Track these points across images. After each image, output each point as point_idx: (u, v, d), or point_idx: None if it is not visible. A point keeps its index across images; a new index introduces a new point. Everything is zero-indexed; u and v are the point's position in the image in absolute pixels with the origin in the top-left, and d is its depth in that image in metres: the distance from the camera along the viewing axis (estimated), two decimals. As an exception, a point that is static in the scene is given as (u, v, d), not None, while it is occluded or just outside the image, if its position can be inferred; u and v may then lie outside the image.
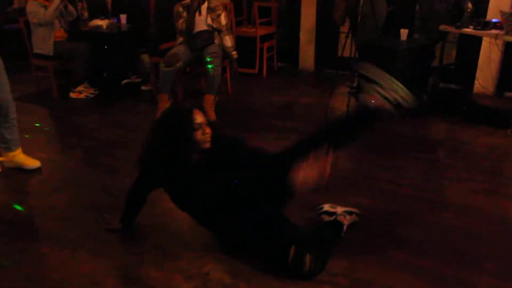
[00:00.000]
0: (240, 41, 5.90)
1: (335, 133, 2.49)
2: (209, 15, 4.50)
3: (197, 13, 4.41)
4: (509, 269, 2.33)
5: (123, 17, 5.33)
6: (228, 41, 4.62)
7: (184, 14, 4.46)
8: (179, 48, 4.46)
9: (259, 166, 2.42)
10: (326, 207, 2.70)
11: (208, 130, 2.37)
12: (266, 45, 5.93)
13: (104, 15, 5.52)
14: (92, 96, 5.13)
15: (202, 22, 4.47)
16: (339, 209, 2.66)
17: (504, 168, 3.61)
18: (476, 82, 5.26)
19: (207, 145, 2.39)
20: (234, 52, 4.69)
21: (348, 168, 3.43)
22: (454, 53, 5.49)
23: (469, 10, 4.27)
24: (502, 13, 4.11)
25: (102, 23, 5.20)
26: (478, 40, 5.07)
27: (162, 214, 2.80)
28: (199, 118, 2.35)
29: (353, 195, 3.01)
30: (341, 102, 4.56)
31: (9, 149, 3.35)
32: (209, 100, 4.38)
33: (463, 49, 5.42)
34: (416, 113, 4.41)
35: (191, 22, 4.40)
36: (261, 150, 2.54)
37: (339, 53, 6.42)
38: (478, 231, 2.66)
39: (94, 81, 5.23)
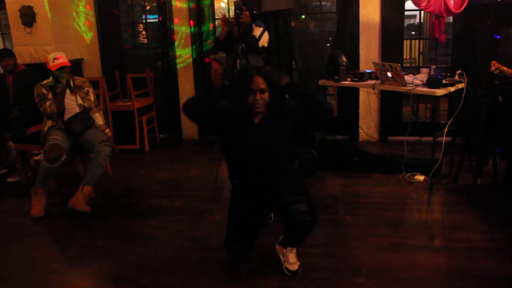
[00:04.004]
0: (116, 116, 5.50)
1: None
2: (77, 94, 4.07)
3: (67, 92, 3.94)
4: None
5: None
6: (100, 119, 4.19)
7: (50, 96, 3.96)
8: (56, 137, 3.86)
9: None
10: None
11: (260, 98, 2.54)
12: (145, 117, 5.57)
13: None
14: None
15: (72, 102, 4.02)
16: None
17: (405, 217, 3.53)
18: (360, 130, 5.36)
19: (258, 109, 2.58)
20: (108, 130, 4.25)
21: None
22: (335, 105, 5.58)
23: (344, 63, 4.33)
24: (375, 64, 4.21)
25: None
26: (356, 90, 5.19)
27: None
28: (256, 84, 2.53)
29: (260, 277, 2.71)
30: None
31: None
32: (87, 192, 3.80)
33: (343, 100, 5.52)
34: (311, 171, 4.31)
35: (60, 102, 3.89)
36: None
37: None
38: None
39: None
